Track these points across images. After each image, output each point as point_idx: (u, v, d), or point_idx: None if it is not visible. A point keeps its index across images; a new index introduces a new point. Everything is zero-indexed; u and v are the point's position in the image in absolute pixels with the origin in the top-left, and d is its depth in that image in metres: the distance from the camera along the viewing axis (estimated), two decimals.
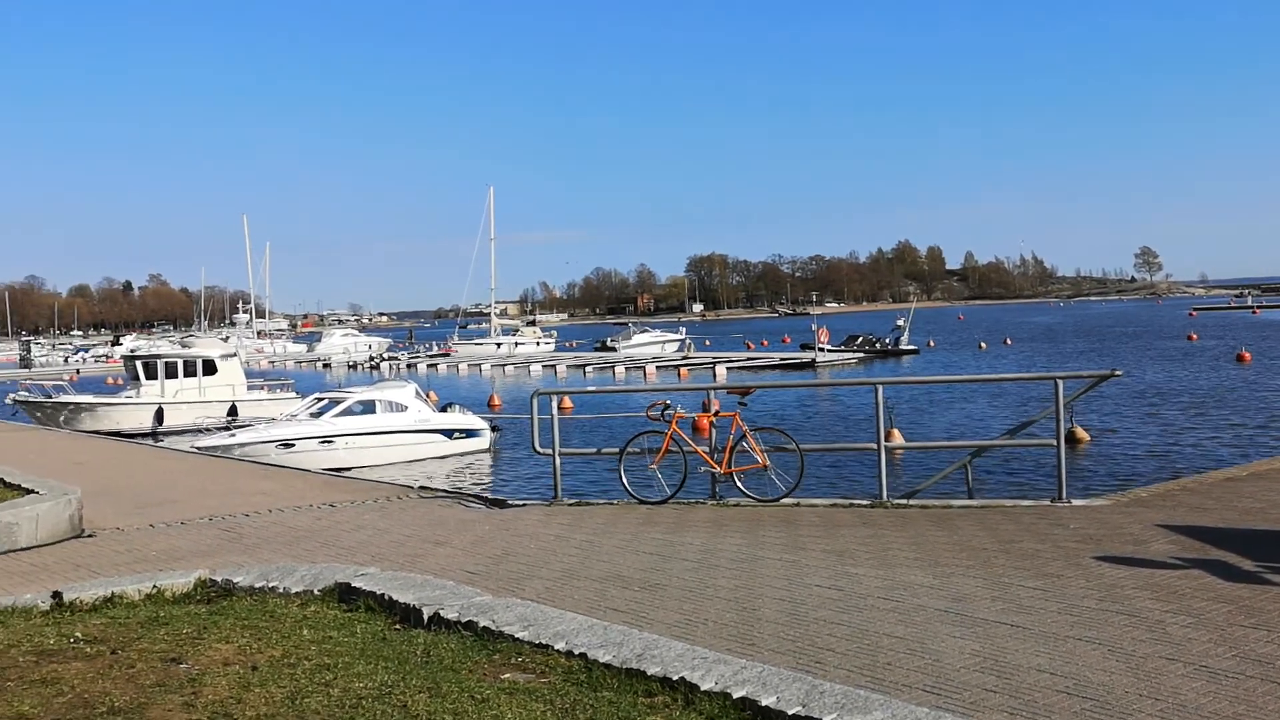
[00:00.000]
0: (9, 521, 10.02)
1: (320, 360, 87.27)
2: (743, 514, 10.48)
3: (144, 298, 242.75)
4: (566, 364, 65.44)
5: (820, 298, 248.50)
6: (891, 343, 67.45)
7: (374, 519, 11.15)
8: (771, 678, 4.52)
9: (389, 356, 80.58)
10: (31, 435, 24.50)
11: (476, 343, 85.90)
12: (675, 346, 78.97)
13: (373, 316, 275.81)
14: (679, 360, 64.32)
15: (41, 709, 4.61)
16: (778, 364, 59.83)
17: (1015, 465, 20.71)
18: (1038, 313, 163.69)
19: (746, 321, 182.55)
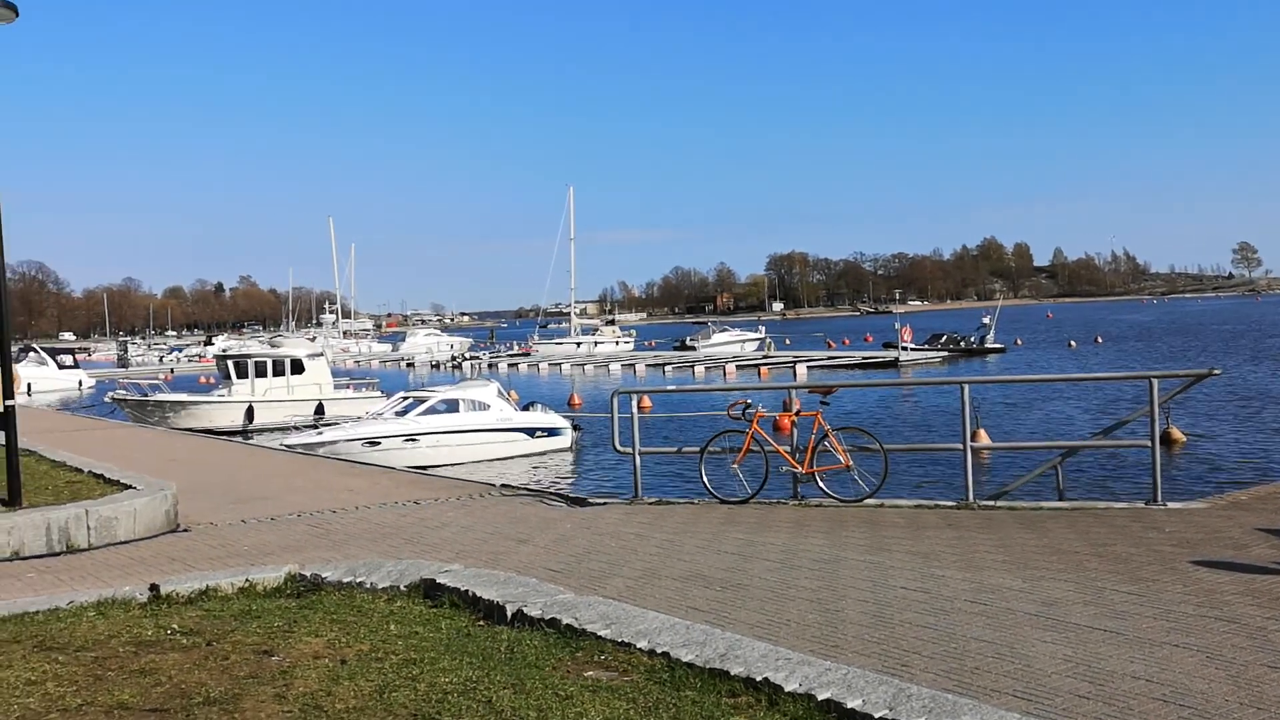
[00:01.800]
0: (108, 516, 10.35)
1: (404, 360, 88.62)
2: (825, 514, 10.38)
3: (235, 299, 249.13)
4: (646, 363, 65.52)
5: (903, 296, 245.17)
6: (977, 341, 66.27)
7: (457, 516, 11.28)
8: (857, 680, 4.47)
9: (470, 356, 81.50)
10: (129, 432, 25.30)
11: (556, 342, 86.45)
12: (755, 345, 78.55)
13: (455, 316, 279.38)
14: (759, 359, 63.97)
15: (140, 698, 4.75)
16: (860, 363, 59.16)
17: (1108, 467, 20.18)
18: (1130, 310, 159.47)
19: (827, 320, 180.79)
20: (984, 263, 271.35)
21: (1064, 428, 28.82)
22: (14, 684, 5.00)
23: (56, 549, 9.91)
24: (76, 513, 10.21)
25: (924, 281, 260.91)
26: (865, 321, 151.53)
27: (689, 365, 61.85)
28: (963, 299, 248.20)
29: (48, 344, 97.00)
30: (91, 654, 5.52)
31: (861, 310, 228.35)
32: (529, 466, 24.60)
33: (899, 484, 16.68)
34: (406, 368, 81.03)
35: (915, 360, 58.24)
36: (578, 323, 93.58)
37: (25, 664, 5.34)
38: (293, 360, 36.86)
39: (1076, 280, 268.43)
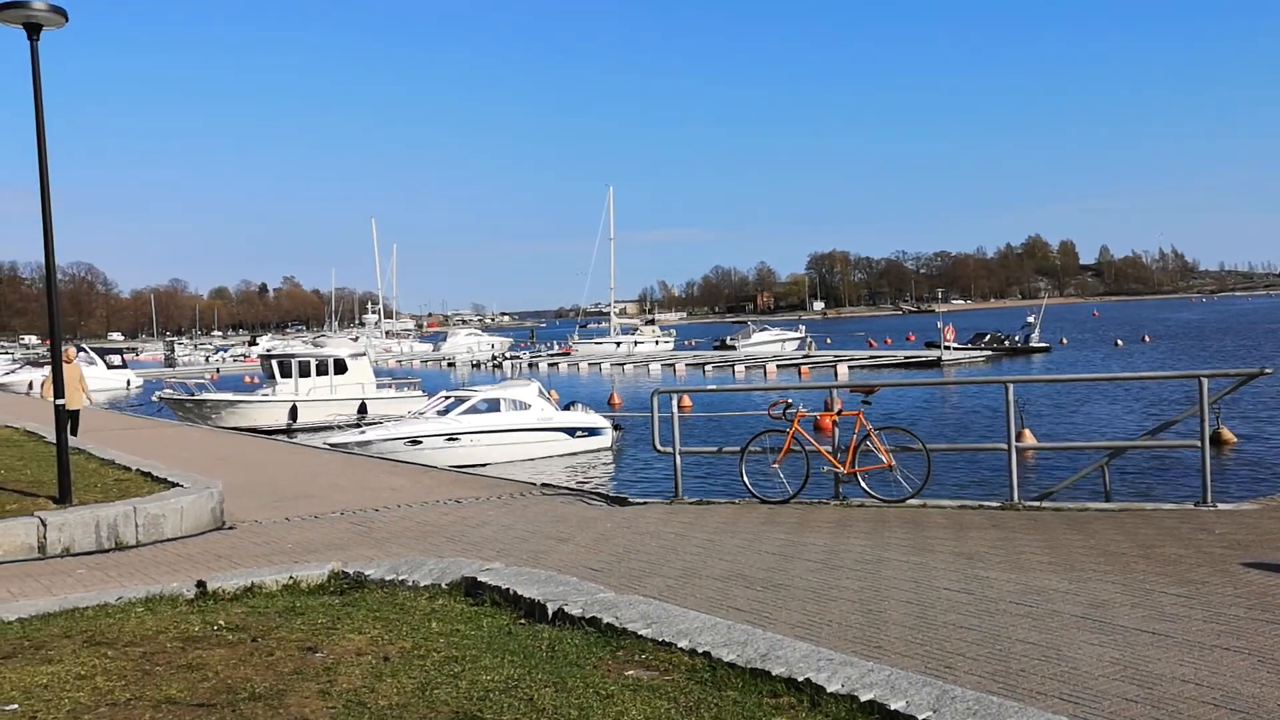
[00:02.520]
0: (156, 513, 10.50)
1: (445, 359, 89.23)
2: (867, 515, 10.31)
3: (278, 299, 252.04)
4: (685, 363, 65.50)
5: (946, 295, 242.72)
6: (1021, 340, 65.61)
7: (498, 515, 11.33)
8: (900, 681, 4.42)
9: (511, 356, 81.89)
10: (176, 431, 25.65)
11: (596, 342, 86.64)
12: (795, 345, 78.30)
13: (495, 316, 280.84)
14: (799, 359, 63.75)
15: (188, 693, 4.81)
16: (902, 362, 58.79)
17: (1156, 468, 19.89)
18: (1178, 309, 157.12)
19: (869, 319, 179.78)
20: (1028, 261, 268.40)
21: (1111, 428, 28.46)
22: (64, 678, 5.08)
23: (105, 546, 10.07)
24: (125, 510, 10.36)
25: (967, 280, 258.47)
26: (907, 321, 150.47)
27: (729, 365, 61.76)
28: (1007, 298, 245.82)
29: (97, 344, 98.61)
30: (140, 649, 5.60)
31: (903, 309, 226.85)
32: (569, 466, 24.68)
33: (942, 484, 16.55)
34: (447, 367, 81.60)
35: (958, 360, 57.76)
36: (617, 322, 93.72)
37: (75, 658, 5.43)
38: (336, 360, 37.23)
39: (1123, 278, 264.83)
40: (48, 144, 11.17)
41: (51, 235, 11.30)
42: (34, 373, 57.29)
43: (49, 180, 11.19)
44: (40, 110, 11.08)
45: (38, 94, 11.05)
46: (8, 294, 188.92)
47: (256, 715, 4.46)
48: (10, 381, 57.87)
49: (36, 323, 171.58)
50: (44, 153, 11.14)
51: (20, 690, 4.90)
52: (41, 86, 11.07)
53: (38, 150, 11.09)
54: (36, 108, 11.04)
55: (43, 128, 11.11)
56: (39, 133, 11.09)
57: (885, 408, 32.11)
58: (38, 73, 11.04)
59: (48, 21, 10.84)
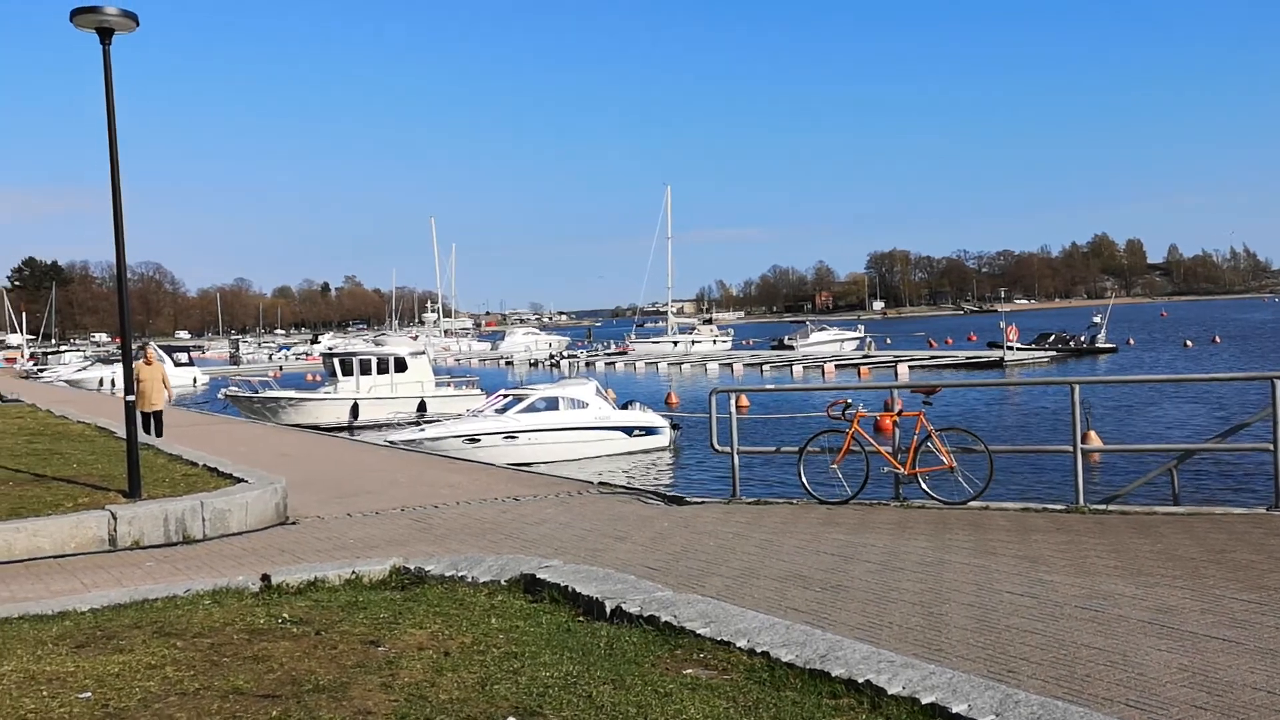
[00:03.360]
0: (222, 508, 10.71)
1: (503, 358, 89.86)
2: (928, 516, 10.20)
3: (340, 298, 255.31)
4: (743, 362, 65.30)
5: (1009, 294, 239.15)
6: (1087, 341, 64.50)
7: (556, 513, 11.39)
8: (962, 684, 4.37)
9: (568, 354, 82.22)
10: (241, 428, 26.13)
11: (653, 341, 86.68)
12: (854, 344, 77.69)
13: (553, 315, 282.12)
14: (858, 359, 63.24)
15: (254, 684, 4.90)
16: (963, 363, 58.09)
17: (1226, 472, 19.43)
18: (1251, 309, 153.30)
19: (929, 319, 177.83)
20: (1094, 260, 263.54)
21: (1179, 430, 27.87)
22: (135, 668, 5.20)
23: (173, 539, 10.29)
24: (192, 505, 10.58)
25: (1031, 280, 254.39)
26: (969, 320, 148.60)
27: (787, 364, 61.44)
28: (1072, 297, 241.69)
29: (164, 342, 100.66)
30: (208, 640, 5.71)
31: (965, 309, 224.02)
32: (627, 465, 24.71)
33: (1005, 486, 16.33)
34: (505, 366, 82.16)
35: (1021, 360, 56.95)
36: (674, 321, 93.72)
37: (146, 649, 5.55)
38: (396, 358, 37.63)
39: (1193, 278, 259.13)
40: (119, 145, 11.43)
41: (123, 237, 11.56)
42: (104, 370, 58.71)
43: (120, 182, 11.45)
44: (112, 113, 11.33)
45: (109, 97, 11.31)
46: (79, 293, 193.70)
47: (320, 707, 4.52)
48: (82, 378, 59.36)
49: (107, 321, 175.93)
50: (115, 155, 11.40)
51: (94, 679, 5.03)
52: (113, 90, 11.33)
53: (109, 153, 11.34)
54: (108, 111, 11.30)
55: (114, 130, 11.37)
56: (110, 135, 11.34)
57: (946, 408, 31.75)
58: (109, 76, 11.30)
59: (119, 26, 11.10)
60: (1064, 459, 12.22)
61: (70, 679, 5.04)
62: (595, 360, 76.61)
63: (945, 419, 21.37)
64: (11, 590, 8.07)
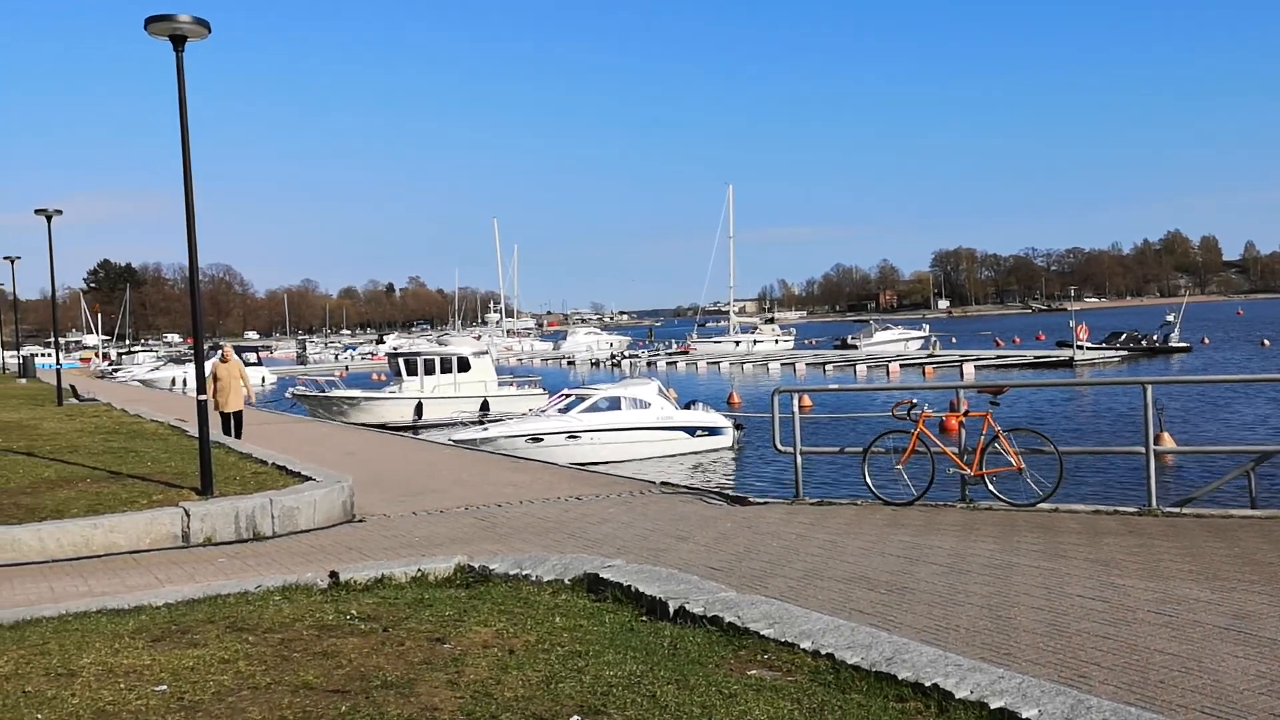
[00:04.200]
0: (291, 506, 10.89)
1: (564, 358, 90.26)
2: (995, 518, 10.05)
3: (404, 299, 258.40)
4: (806, 362, 64.90)
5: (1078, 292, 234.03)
6: (1160, 340, 63.08)
7: (618, 513, 11.41)
8: (1032, 689, 4.30)
9: (629, 354, 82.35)
10: (307, 426, 26.55)
11: (715, 340, 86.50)
12: (919, 344, 76.82)
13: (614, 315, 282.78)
14: (923, 358, 62.52)
15: (323, 679, 4.98)
16: (1031, 362, 57.14)
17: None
18: None
19: (996, 318, 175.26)
20: (1167, 257, 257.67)
21: (1256, 431, 27.15)
22: (209, 661, 5.31)
23: (244, 536, 10.49)
24: (262, 502, 10.78)
25: (1101, 277, 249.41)
26: (1037, 319, 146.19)
27: (850, 364, 60.94)
28: (1144, 295, 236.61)
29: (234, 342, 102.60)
30: (278, 636, 5.82)
31: (1033, 308, 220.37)
32: (689, 465, 24.69)
33: (1075, 488, 16.02)
34: (567, 365, 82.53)
35: (1092, 360, 55.89)
36: (736, 321, 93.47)
37: (219, 643, 5.67)
38: (459, 358, 37.97)
39: (1270, 275, 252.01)
40: (191, 151, 11.69)
41: (195, 239, 11.82)
42: (176, 369, 60.05)
43: (193, 186, 11.70)
44: (185, 119, 11.58)
45: (183, 104, 11.56)
46: (152, 295, 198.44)
47: (388, 703, 4.58)
48: (155, 378, 60.76)
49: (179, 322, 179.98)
50: (188, 160, 11.65)
51: (169, 672, 5.15)
52: (186, 97, 11.57)
53: (183, 158, 11.59)
54: (181, 117, 11.55)
55: (187, 135, 11.61)
56: (184, 141, 11.59)
57: (1014, 409, 31.26)
58: (182, 83, 11.55)
59: (191, 33, 11.34)
60: (1136, 461, 11.96)
61: (146, 672, 5.16)
62: (656, 360, 76.62)
63: (1013, 420, 21.05)
64: (89, 585, 8.29)
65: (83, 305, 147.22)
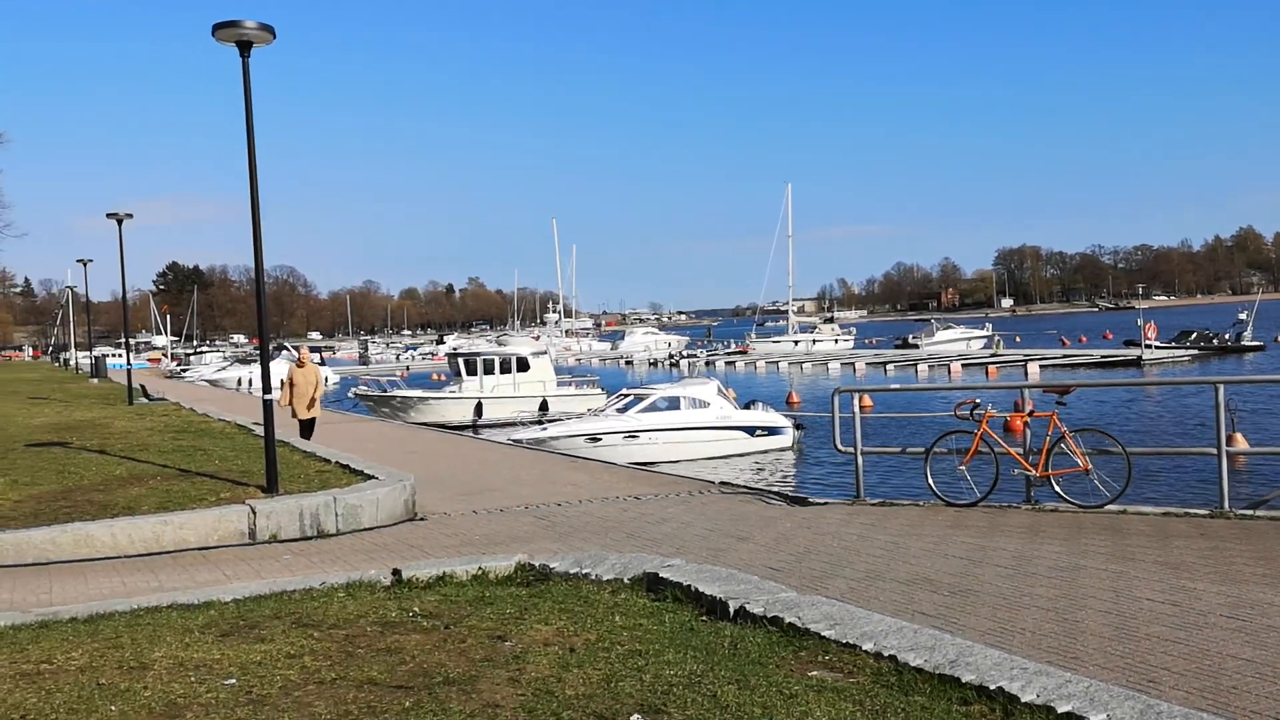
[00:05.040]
0: (354, 504, 11.04)
1: (623, 358, 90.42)
2: (1061, 520, 9.88)
3: (464, 299, 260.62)
4: (866, 361, 64.36)
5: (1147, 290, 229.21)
6: (1232, 338, 61.58)
7: (678, 512, 11.40)
8: (1100, 694, 4.22)
9: (687, 354, 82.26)
10: (370, 426, 26.89)
11: (774, 340, 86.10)
12: (982, 343, 75.81)
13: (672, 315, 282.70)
14: (986, 357, 61.68)
15: (387, 675, 5.04)
16: (1098, 362, 56.13)
17: None
18: None
19: (1061, 317, 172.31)
20: (1239, 254, 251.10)
21: None
22: (276, 656, 5.40)
23: (308, 533, 10.65)
24: (326, 500, 10.94)
25: (1170, 275, 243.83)
26: (1104, 318, 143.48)
27: (911, 364, 60.32)
28: (1215, 293, 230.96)
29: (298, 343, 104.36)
30: (343, 632, 5.90)
31: (1100, 306, 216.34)
32: (749, 465, 24.61)
33: (1143, 490, 15.70)
34: (625, 365, 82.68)
35: (1161, 359, 54.77)
36: (795, 320, 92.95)
37: (285, 638, 5.77)
38: (519, 358, 38.22)
39: None
40: (257, 154, 11.90)
41: (260, 242, 12.04)
42: (242, 370, 61.13)
43: (258, 190, 11.91)
44: (251, 124, 11.79)
45: (249, 109, 11.77)
46: (219, 296, 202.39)
47: (450, 699, 4.63)
48: (222, 378, 61.92)
49: (245, 323, 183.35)
50: (254, 164, 11.86)
51: (237, 666, 5.24)
52: (252, 101, 11.79)
53: (248, 161, 11.81)
54: (248, 122, 11.76)
55: (253, 140, 11.83)
56: (249, 145, 11.81)
57: (1081, 409, 30.71)
58: (248, 88, 11.76)
59: (257, 39, 11.55)
60: (1207, 462, 11.70)
61: (216, 666, 5.26)
62: (715, 360, 76.45)
63: (1079, 420, 20.69)
64: (160, 580, 8.48)
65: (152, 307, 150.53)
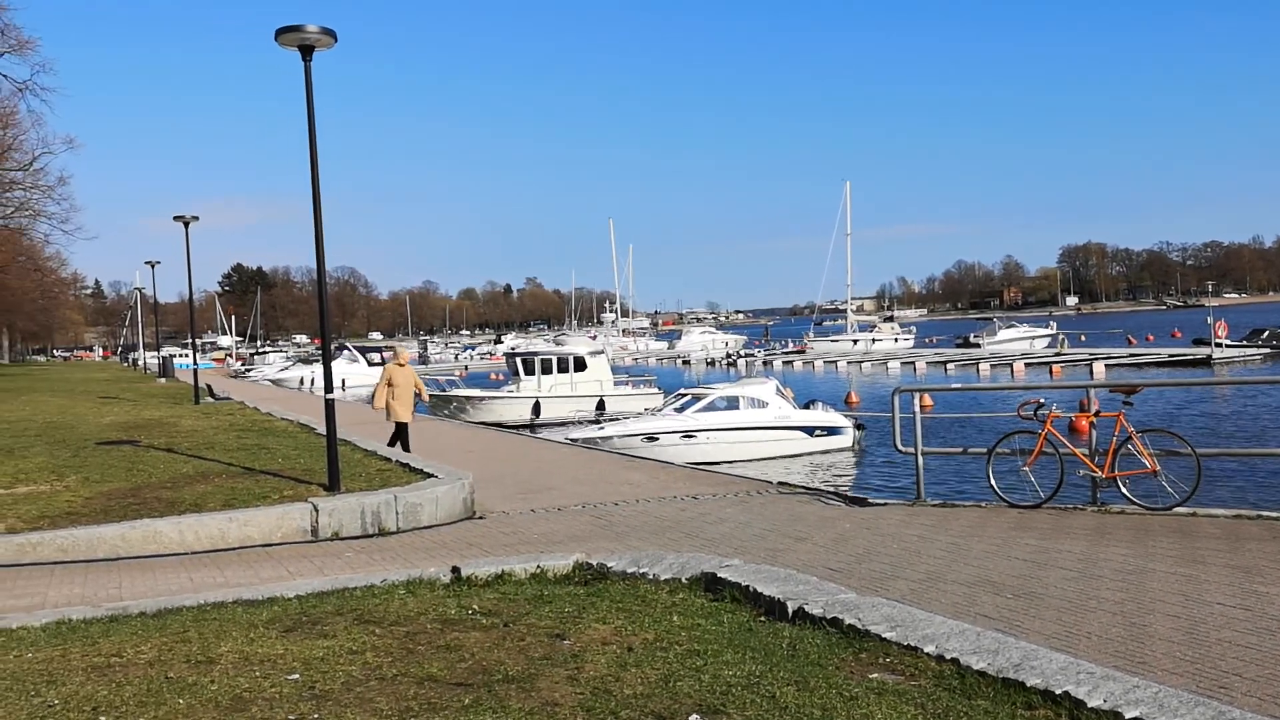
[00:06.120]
0: (414, 502, 11.15)
1: (680, 357, 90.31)
2: (1128, 522, 9.69)
3: (521, 299, 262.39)
4: (926, 361, 63.63)
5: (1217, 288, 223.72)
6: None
7: (735, 512, 11.36)
8: (1170, 700, 4.12)
9: (744, 353, 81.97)
10: (429, 425, 27.14)
11: (832, 339, 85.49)
12: (1046, 342, 74.60)
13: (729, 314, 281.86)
14: (1050, 357, 60.67)
15: (447, 672, 5.08)
16: (1166, 361, 54.94)
17: None
18: None
19: (1128, 315, 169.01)
20: None
21: None
22: (338, 652, 5.47)
23: (369, 531, 10.78)
24: (386, 499, 11.06)
25: (1241, 272, 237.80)
26: (1172, 316, 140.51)
27: (973, 363, 59.55)
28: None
29: (359, 343, 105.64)
30: (403, 629, 5.95)
31: (1168, 304, 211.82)
32: (807, 465, 24.44)
33: (1214, 492, 15.34)
34: (682, 365, 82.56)
35: (1231, 358, 53.45)
36: (854, 319, 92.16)
37: (348, 635, 5.84)
38: (576, 358, 38.33)
39: None
40: (319, 156, 12.05)
41: (322, 244, 12.20)
42: (305, 369, 62.06)
43: (320, 192, 12.07)
44: (313, 126, 11.96)
45: (310, 112, 11.94)
46: (281, 297, 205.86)
47: (510, 697, 4.65)
48: (285, 377, 62.90)
49: (307, 323, 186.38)
50: (315, 166, 12.02)
51: (301, 661, 5.32)
52: (314, 104, 11.95)
53: (310, 164, 11.97)
54: (310, 124, 11.93)
55: (314, 143, 11.99)
56: (311, 148, 11.97)
57: (1148, 409, 30.08)
58: (310, 91, 11.92)
59: (319, 43, 11.70)
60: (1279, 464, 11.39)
61: (280, 661, 5.34)
62: (772, 359, 76.07)
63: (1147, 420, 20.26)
64: (225, 576, 8.63)
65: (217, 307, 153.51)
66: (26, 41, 35.37)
